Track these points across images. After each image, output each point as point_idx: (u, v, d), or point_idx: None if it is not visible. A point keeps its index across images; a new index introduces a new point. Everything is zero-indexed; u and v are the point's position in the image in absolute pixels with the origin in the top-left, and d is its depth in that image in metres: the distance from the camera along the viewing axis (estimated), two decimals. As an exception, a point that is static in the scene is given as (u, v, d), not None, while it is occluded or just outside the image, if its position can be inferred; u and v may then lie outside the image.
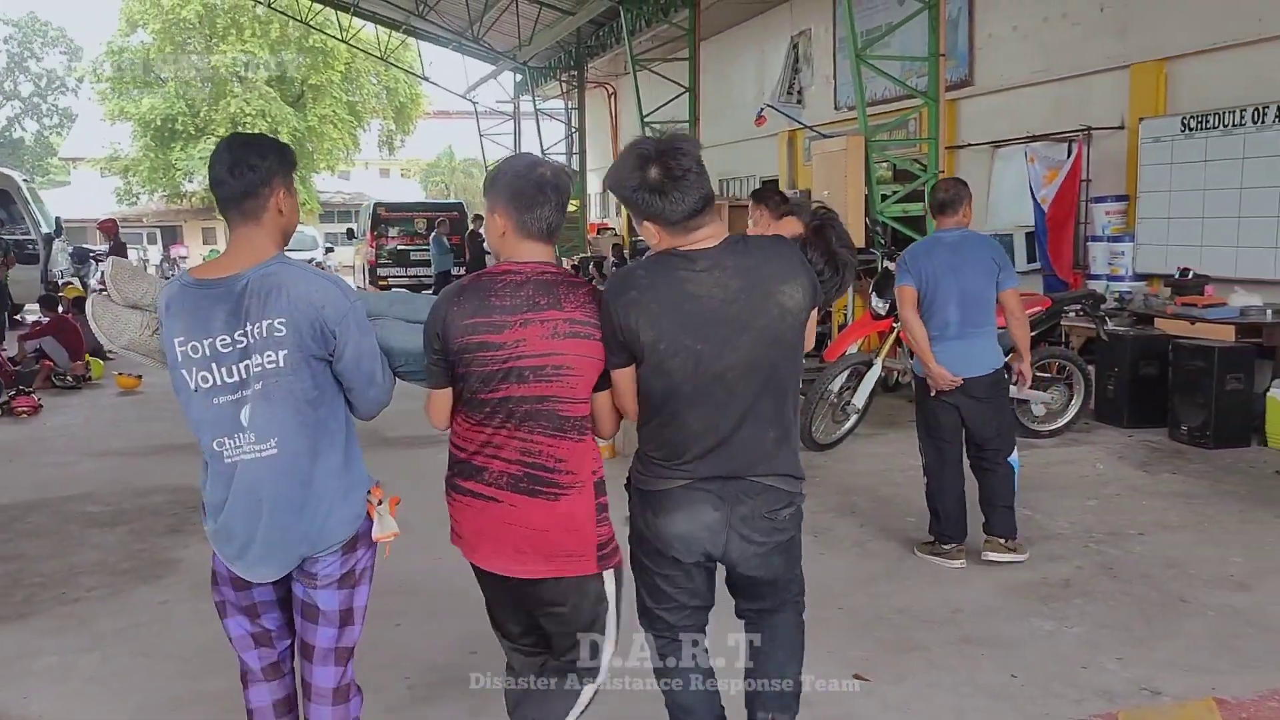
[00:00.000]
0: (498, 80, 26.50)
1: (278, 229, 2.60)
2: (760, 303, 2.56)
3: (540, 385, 2.53)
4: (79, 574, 5.01)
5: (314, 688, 2.71)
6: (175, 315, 2.54)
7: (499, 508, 2.59)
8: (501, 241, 2.60)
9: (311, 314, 2.50)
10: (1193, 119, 8.81)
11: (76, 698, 3.70)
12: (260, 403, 2.50)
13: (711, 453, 2.60)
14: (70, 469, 7.22)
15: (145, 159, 35.72)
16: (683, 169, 2.51)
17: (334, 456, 2.60)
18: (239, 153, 2.54)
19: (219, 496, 2.57)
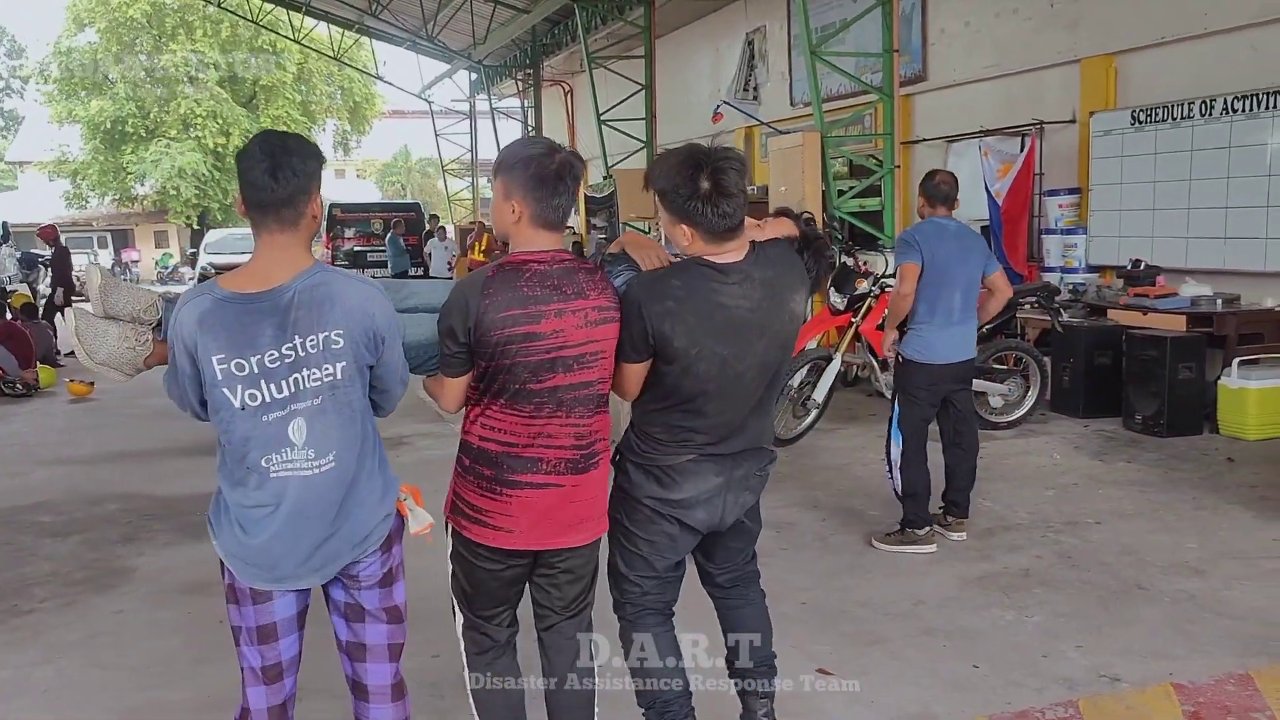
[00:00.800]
0: (453, 79, 26.33)
1: (310, 234, 2.51)
2: (776, 311, 2.77)
3: (584, 372, 2.59)
4: (31, 585, 4.91)
5: (370, 688, 2.67)
6: (212, 331, 2.40)
7: (560, 491, 2.64)
8: (515, 228, 2.58)
9: (366, 323, 2.46)
10: (1142, 112, 8.95)
11: (32, 712, 3.63)
12: (316, 417, 2.43)
13: (721, 437, 2.79)
14: (21, 478, 7.09)
15: (95, 162, 35.12)
16: (735, 189, 2.63)
17: (373, 461, 2.57)
18: (281, 156, 2.40)
19: (263, 513, 2.46)
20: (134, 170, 34.45)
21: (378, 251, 20.90)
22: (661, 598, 2.93)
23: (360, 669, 2.67)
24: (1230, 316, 7.58)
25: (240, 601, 2.54)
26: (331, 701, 3.24)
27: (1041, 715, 3.40)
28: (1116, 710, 3.42)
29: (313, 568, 2.52)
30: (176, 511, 6.04)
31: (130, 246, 39.99)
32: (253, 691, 2.59)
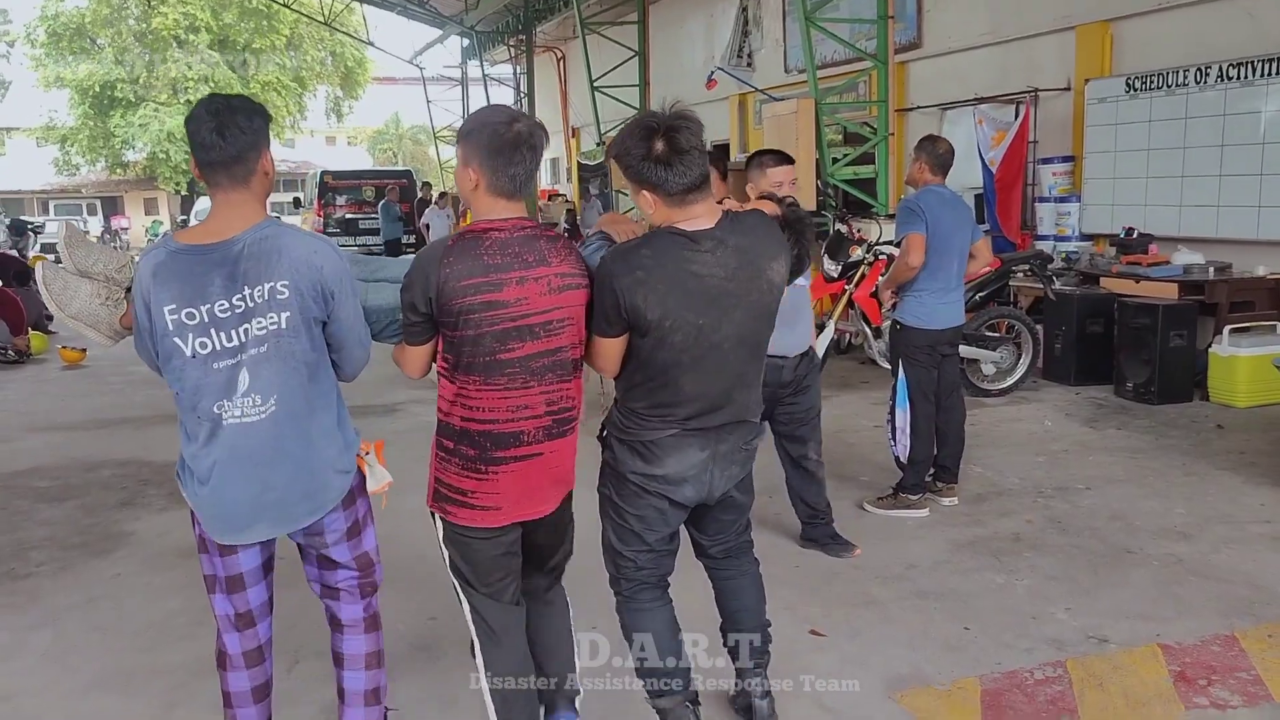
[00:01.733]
0: (445, 45, 26.17)
1: (264, 190, 2.59)
2: (753, 279, 2.73)
3: (551, 339, 2.61)
4: (28, 549, 4.93)
5: (345, 622, 2.84)
6: (165, 282, 2.48)
7: (541, 460, 2.68)
8: (474, 195, 2.61)
9: (313, 276, 2.53)
10: (1137, 80, 8.93)
11: (30, 674, 3.65)
12: (260, 365, 2.51)
13: (703, 411, 2.78)
14: (14, 444, 7.09)
15: (84, 127, 34.81)
16: (688, 144, 2.62)
17: (328, 417, 2.65)
18: (226, 115, 2.49)
19: (212, 460, 2.55)
20: (123, 135, 34.15)
21: (370, 219, 20.80)
22: (656, 571, 2.94)
23: (335, 606, 2.84)
24: (1222, 285, 7.62)
25: (210, 552, 2.69)
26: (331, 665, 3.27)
27: (1030, 675, 3.44)
28: (1104, 670, 3.46)
29: (265, 516, 2.61)
30: (171, 477, 6.00)
31: (120, 214, 39.77)
32: (228, 638, 2.76)
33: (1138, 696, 3.30)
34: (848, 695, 3.34)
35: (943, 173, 5.06)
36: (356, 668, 2.86)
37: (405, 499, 3.14)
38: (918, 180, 5.12)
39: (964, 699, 3.30)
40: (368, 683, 2.87)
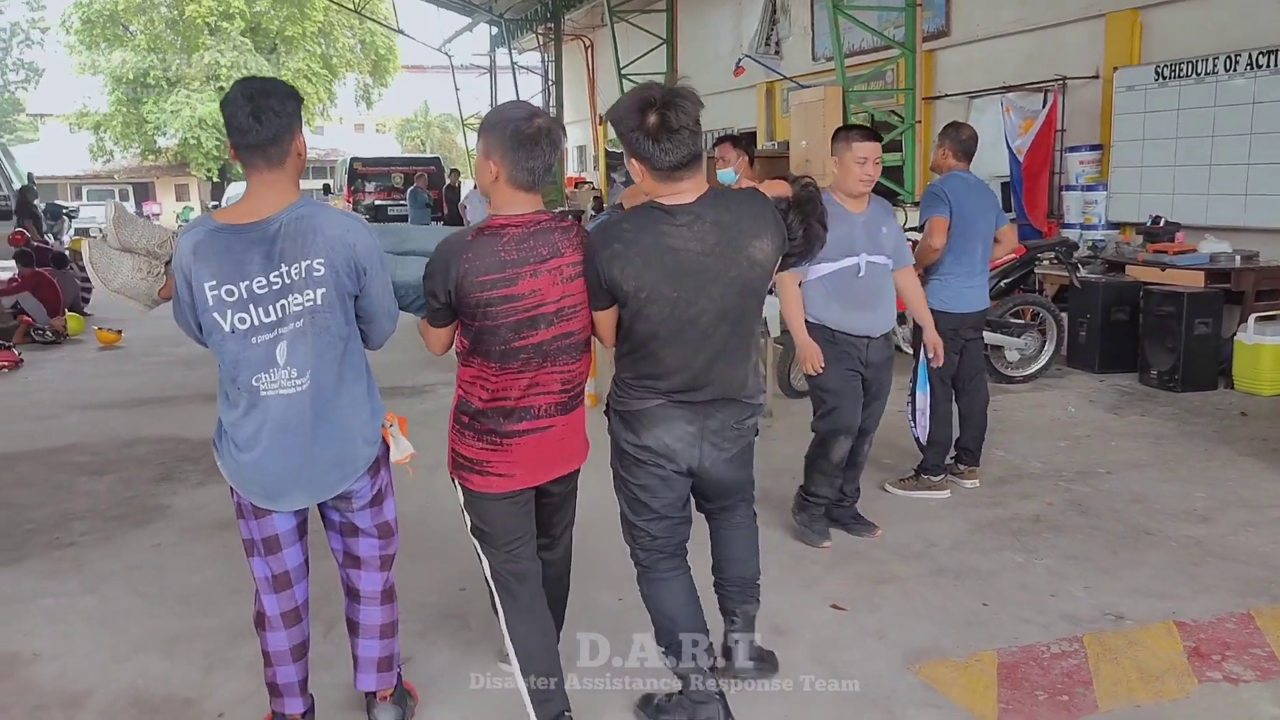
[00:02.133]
0: (473, 33, 26.27)
1: (297, 171, 2.69)
2: (733, 256, 2.76)
3: (564, 324, 2.75)
4: (71, 520, 5.08)
5: (362, 593, 2.97)
6: (204, 259, 2.59)
7: (552, 432, 2.84)
8: (494, 186, 2.72)
9: (346, 253, 2.65)
10: (1166, 67, 8.91)
11: (76, 636, 3.79)
12: (297, 339, 2.63)
13: (686, 385, 2.85)
14: (55, 421, 7.26)
15: (117, 114, 35.18)
16: (679, 124, 2.67)
17: (358, 387, 2.78)
18: (261, 99, 2.58)
19: (250, 430, 2.68)
20: (155, 121, 34.48)
21: (399, 205, 20.95)
22: (671, 540, 3.01)
23: (354, 575, 2.97)
24: (1249, 273, 7.61)
25: (246, 516, 2.81)
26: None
27: (1047, 649, 3.51)
28: (1119, 645, 3.53)
29: (301, 485, 2.74)
30: (207, 453, 6.17)
31: (151, 199, 40.22)
32: (267, 599, 2.87)
33: (1152, 670, 3.36)
34: (867, 666, 3.42)
35: (967, 158, 5.12)
36: (371, 636, 3.00)
37: (439, 476, 3.23)
38: (942, 166, 5.18)
39: (981, 670, 3.37)
40: (382, 650, 3.01)
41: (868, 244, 4.33)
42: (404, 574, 4.14)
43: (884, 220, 4.43)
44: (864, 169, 4.27)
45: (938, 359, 4.76)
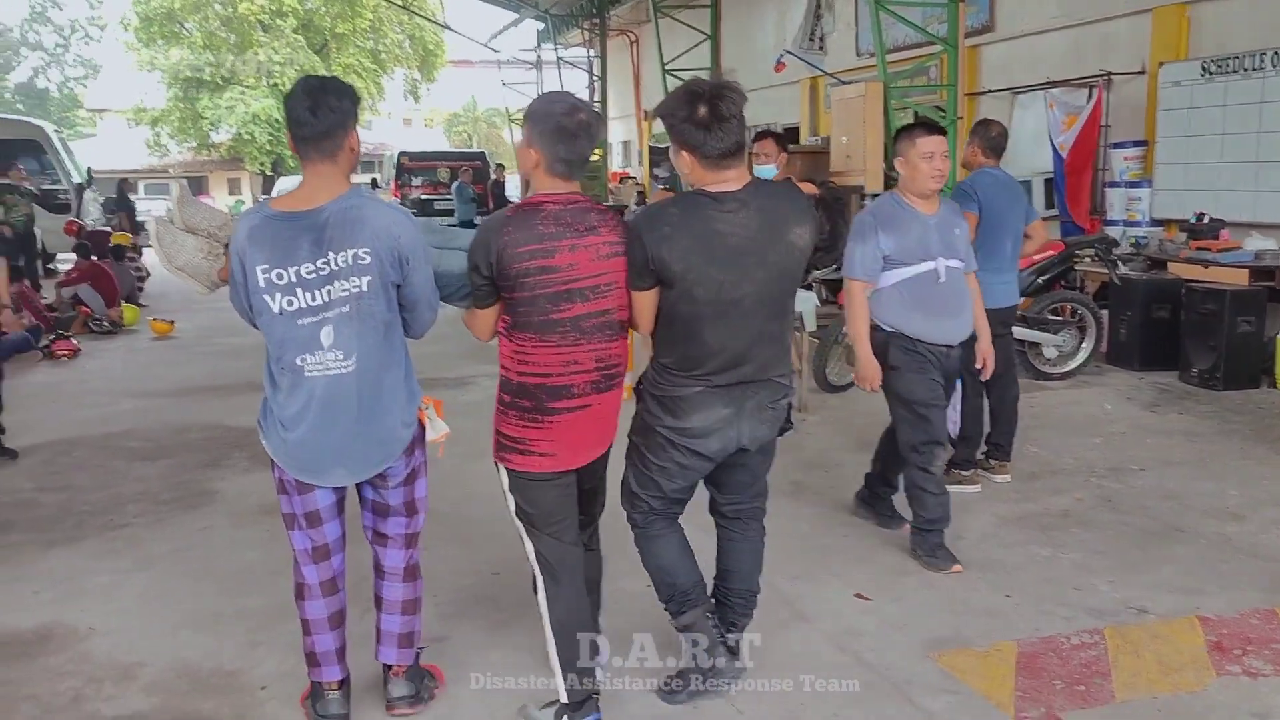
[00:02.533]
0: (520, 29, 26.43)
1: (349, 165, 2.86)
2: (775, 241, 2.93)
3: (599, 301, 2.87)
4: (125, 503, 5.28)
5: (387, 569, 3.13)
6: (258, 244, 2.77)
7: (590, 411, 2.93)
8: (534, 172, 2.88)
9: (391, 243, 2.81)
10: (1212, 63, 8.82)
11: (128, 613, 3.97)
12: (344, 323, 2.80)
13: (726, 366, 2.97)
14: (110, 408, 7.50)
15: (174, 109, 35.84)
16: (729, 113, 2.83)
17: (398, 371, 2.94)
18: (319, 95, 2.77)
19: (296, 408, 2.84)
20: (210, 117, 35.07)
21: (445, 200, 21.16)
22: (668, 510, 3.18)
23: (381, 553, 3.13)
24: (1293, 270, 7.53)
25: (289, 492, 2.97)
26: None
27: (1067, 641, 3.56)
28: (1141, 638, 3.56)
29: (344, 462, 2.90)
30: (254, 441, 6.31)
31: (204, 193, 40.89)
32: (306, 570, 3.04)
33: (1171, 663, 3.40)
34: (888, 653, 3.49)
35: (996, 155, 5.16)
36: (393, 612, 3.14)
37: (477, 463, 3.34)
38: (971, 163, 5.22)
39: (1000, 660, 3.43)
40: (402, 626, 3.15)
41: (943, 247, 4.16)
42: (441, 557, 4.30)
43: (956, 221, 4.28)
44: (932, 164, 4.10)
45: (987, 370, 4.56)
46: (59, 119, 47.29)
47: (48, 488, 5.57)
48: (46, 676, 3.44)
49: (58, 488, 5.56)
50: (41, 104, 55.11)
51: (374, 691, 3.25)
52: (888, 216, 4.18)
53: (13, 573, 4.36)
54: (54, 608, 3.99)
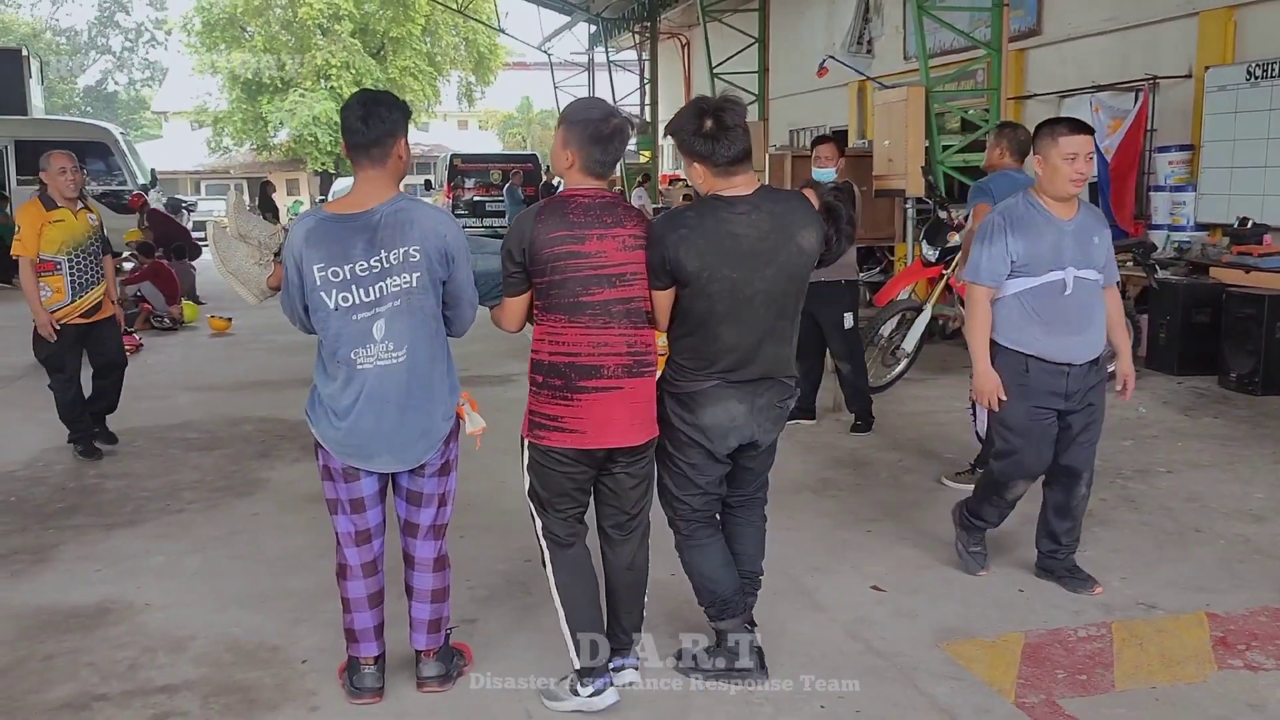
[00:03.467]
0: (573, 32, 26.74)
1: (398, 172, 3.12)
2: (784, 242, 3.12)
3: (626, 288, 3.07)
4: (181, 490, 5.55)
5: (417, 559, 3.32)
6: (315, 245, 3.02)
7: (621, 393, 3.09)
8: (568, 172, 3.11)
9: (438, 242, 3.05)
10: (1258, 67, 8.78)
11: (182, 590, 4.22)
12: (396, 317, 3.03)
13: (739, 363, 3.14)
14: (169, 401, 7.82)
15: (236, 111, 36.67)
16: (732, 123, 3.06)
17: (443, 366, 3.18)
18: (371, 106, 3.04)
19: (349, 400, 3.07)
20: (271, 119, 35.83)
21: (496, 201, 21.48)
22: (707, 511, 3.34)
23: (411, 544, 3.32)
24: (1335, 276, 7.50)
25: (334, 479, 3.18)
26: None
27: (1074, 633, 3.67)
28: (1146, 632, 3.66)
29: (392, 449, 3.11)
30: (303, 434, 6.52)
31: (267, 193, 41.72)
32: (349, 552, 3.25)
33: (1174, 656, 3.49)
34: (897, 642, 3.62)
35: (1021, 158, 5.26)
36: (423, 600, 3.33)
37: (514, 457, 3.48)
38: (996, 164, 5.31)
39: (1006, 650, 3.55)
40: (431, 614, 3.34)
41: (1077, 256, 3.80)
42: (476, 543, 4.51)
43: (1096, 229, 3.89)
44: (1074, 166, 3.73)
45: (1127, 392, 4.08)
46: (125, 121, 48.57)
47: (109, 475, 5.87)
48: (105, 646, 3.69)
49: (119, 475, 5.86)
50: (109, 106, 56.66)
51: (407, 668, 3.44)
52: (1019, 219, 3.85)
53: (77, 552, 4.64)
54: (114, 585, 4.26)
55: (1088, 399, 3.92)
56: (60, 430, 6.31)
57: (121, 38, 60.63)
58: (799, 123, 17.61)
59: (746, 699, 3.27)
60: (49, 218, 5.78)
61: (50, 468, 6.01)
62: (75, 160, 5.94)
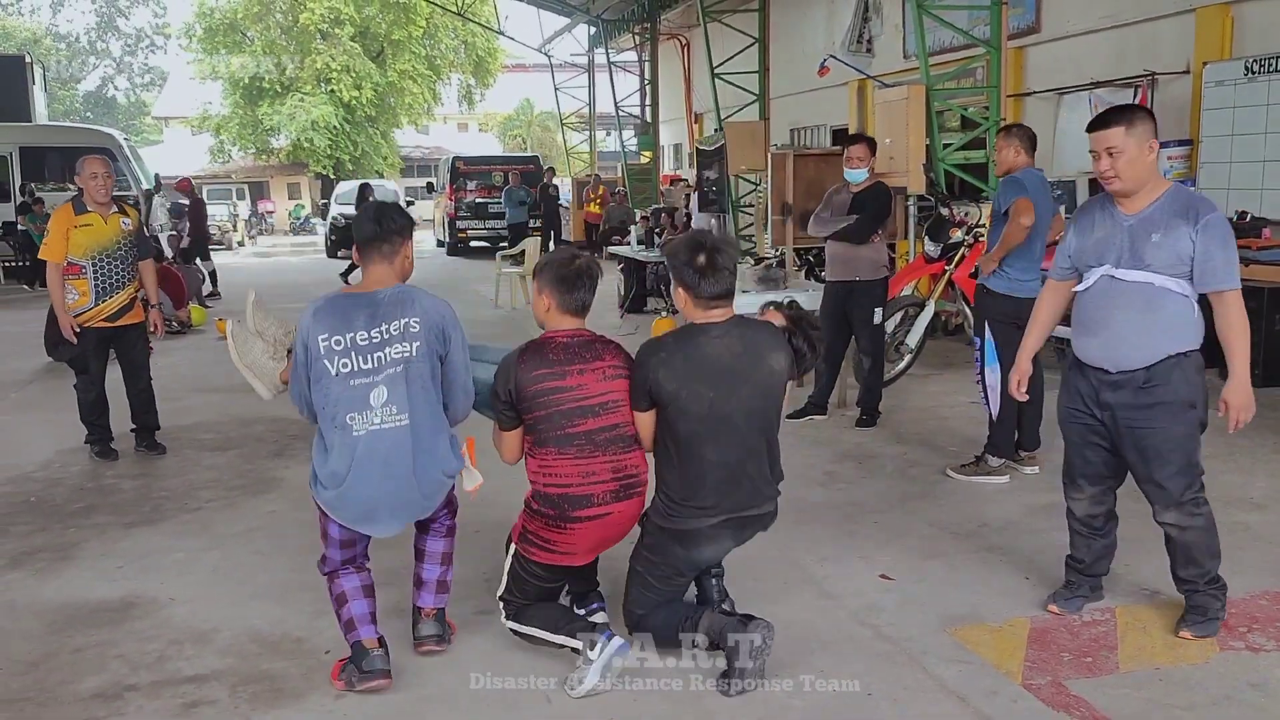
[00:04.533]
0: (572, 34, 26.81)
1: (403, 271, 3.43)
2: (757, 362, 3.34)
3: (609, 416, 3.34)
4: (197, 489, 5.64)
5: (426, 553, 3.62)
6: (321, 318, 3.30)
7: (612, 518, 3.36)
8: (546, 315, 3.42)
9: (436, 318, 3.34)
10: (1255, 62, 8.86)
11: (203, 585, 4.31)
12: (396, 383, 3.27)
13: (724, 484, 3.32)
14: (181, 402, 7.90)
15: (235, 116, 36.74)
16: (724, 264, 3.31)
17: (445, 434, 3.41)
18: (386, 210, 3.41)
19: (343, 466, 3.27)
20: (270, 124, 35.90)
21: (497, 203, 21.56)
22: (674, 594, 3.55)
23: (423, 540, 3.60)
24: (1333, 268, 7.57)
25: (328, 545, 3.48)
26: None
27: (1079, 618, 3.75)
28: (1149, 617, 3.75)
29: (395, 513, 3.36)
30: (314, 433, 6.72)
31: (265, 198, 41.83)
32: (334, 553, 3.49)
33: (1176, 639, 3.57)
34: (906, 628, 3.71)
35: (1033, 155, 5.37)
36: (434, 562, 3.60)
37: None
38: (1014, 165, 5.38)
39: (1012, 634, 3.64)
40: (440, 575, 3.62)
41: (1125, 254, 3.48)
42: (488, 539, 4.59)
43: (1162, 225, 3.42)
44: (1098, 165, 3.47)
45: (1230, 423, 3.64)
46: (125, 126, 48.65)
47: (126, 475, 5.97)
48: (133, 639, 3.78)
49: (135, 475, 5.96)
50: (109, 112, 56.76)
51: (410, 668, 3.53)
52: (1080, 214, 3.70)
53: (99, 549, 4.73)
54: (137, 581, 4.35)
55: (1132, 422, 3.57)
56: (76, 432, 6.41)
57: (121, 43, 60.74)
58: (800, 122, 17.70)
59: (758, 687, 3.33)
60: (76, 222, 5.88)
61: (67, 469, 6.11)
62: (108, 165, 6.04)
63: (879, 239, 6.57)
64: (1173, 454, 3.59)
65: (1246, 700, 3.18)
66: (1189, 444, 3.60)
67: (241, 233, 33.86)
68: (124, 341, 6.23)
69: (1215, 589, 3.64)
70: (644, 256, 12.11)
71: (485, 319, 12.60)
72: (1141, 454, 3.61)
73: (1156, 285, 3.44)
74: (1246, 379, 3.52)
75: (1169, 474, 3.60)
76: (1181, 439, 3.58)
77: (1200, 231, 3.38)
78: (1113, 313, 3.54)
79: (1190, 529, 3.63)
